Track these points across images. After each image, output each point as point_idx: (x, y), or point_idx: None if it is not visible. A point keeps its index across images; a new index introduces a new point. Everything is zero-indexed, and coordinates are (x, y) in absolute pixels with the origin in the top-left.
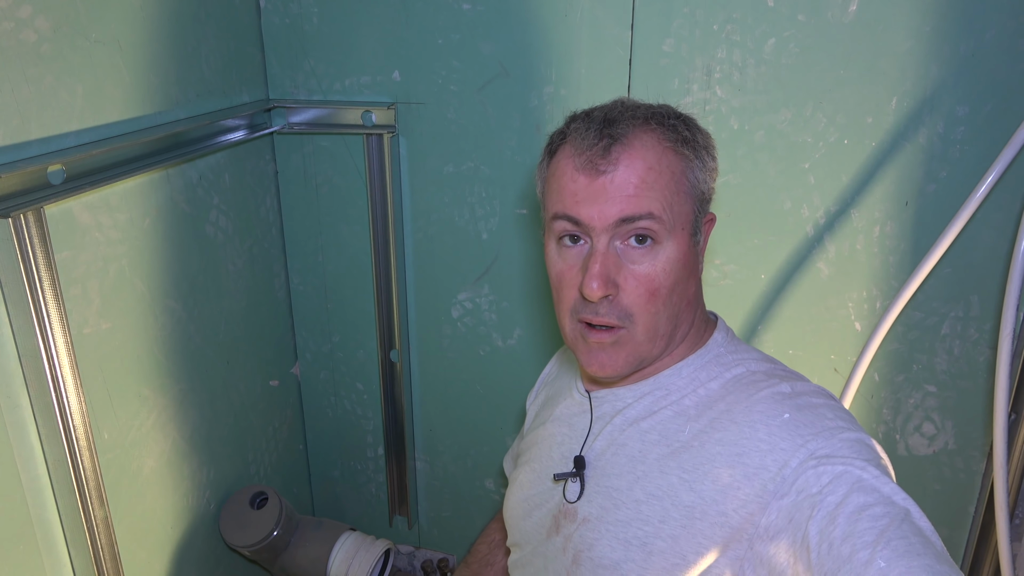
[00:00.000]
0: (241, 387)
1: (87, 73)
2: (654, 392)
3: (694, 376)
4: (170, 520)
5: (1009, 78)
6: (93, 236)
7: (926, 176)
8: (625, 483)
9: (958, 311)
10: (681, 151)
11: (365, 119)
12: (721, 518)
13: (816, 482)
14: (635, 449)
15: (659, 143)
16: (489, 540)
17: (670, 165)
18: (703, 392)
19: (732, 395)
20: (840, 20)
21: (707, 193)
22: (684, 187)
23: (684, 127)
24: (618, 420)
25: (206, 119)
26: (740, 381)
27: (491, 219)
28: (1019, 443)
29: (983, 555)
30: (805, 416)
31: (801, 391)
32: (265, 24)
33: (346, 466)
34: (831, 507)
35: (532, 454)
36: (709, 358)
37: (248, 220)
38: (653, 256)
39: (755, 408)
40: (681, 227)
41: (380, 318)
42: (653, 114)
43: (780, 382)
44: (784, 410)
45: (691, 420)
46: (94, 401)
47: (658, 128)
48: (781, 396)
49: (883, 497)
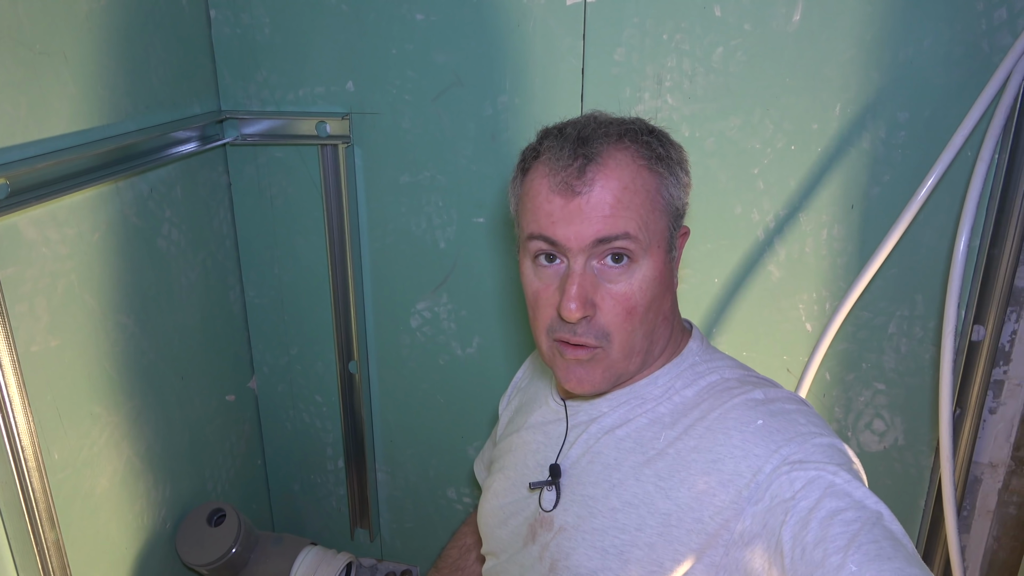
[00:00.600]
0: (197, 402)
1: (31, 85)
2: (630, 401)
3: (669, 385)
4: (125, 541)
5: (947, 84)
6: (40, 251)
7: (871, 180)
8: (601, 491)
9: (904, 310)
10: (655, 168)
11: (319, 130)
12: (697, 525)
13: (789, 487)
14: (610, 457)
15: (633, 161)
16: (460, 544)
17: (645, 184)
18: (678, 400)
19: (706, 402)
20: (785, 29)
21: (681, 208)
22: (659, 204)
23: (658, 143)
24: (593, 428)
25: (156, 131)
26: (714, 388)
27: (448, 228)
28: (964, 438)
29: (933, 547)
30: (778, 422)
31: (774, 397)
32: (216, 34)
33: (306, 480)
34: (804, 512)
35: (506, 461)
36: (684, 367)
37: (201, 233)
38: (630, 275)
39: (729, 415)
40: (657, 244)
41: (338, 329)
42: (627, 131)
43: (753, 388)
44: (757, 416)
45: (666, 428)
46: (43, 420)
47: (632, 145)
48: (754, 402)
49: (855, 502)
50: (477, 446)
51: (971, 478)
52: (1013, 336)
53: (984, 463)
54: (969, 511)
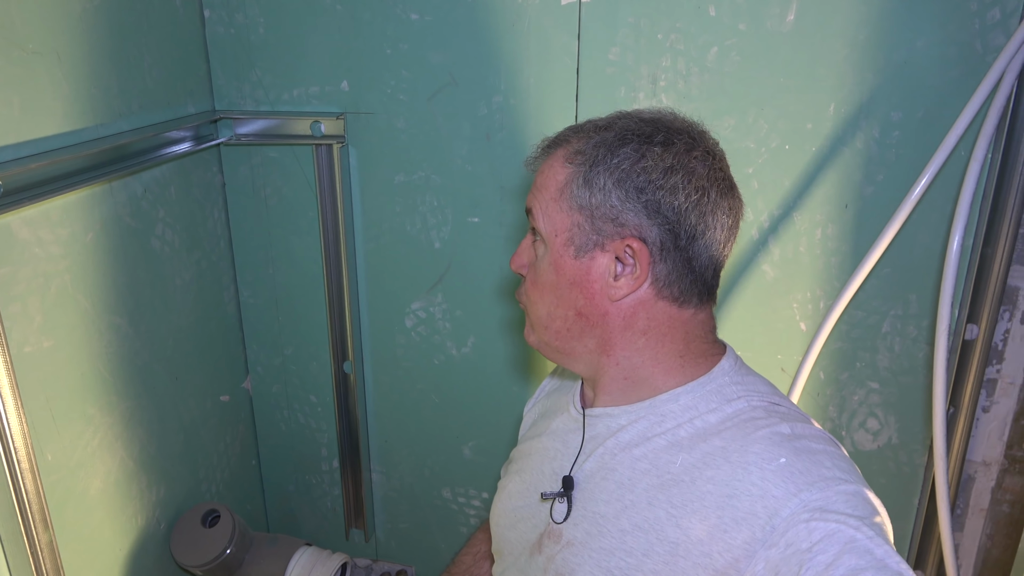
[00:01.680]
0: (191, 403)
1: (24, 85)
2: (648, 417)
3: (693, 405)
4: (119, 542)
5: (940, 84)
6: (33, 252)
7: (864, 179)
8: (612, 511)
9: (897, 309)
10: (573, 161)
11: (314, 129)
12: (705, 559)
13: (807, 537)
14: (624, 476)
15: (564, 152)
16: (474, 551)
17: (556, 173)
18: (699, 424)
19: (729, 431)
20: (779, 29)
21: (605, 211)
22: (566, 197)
23: (599, 144)
24: (610, 443)
25: (150, 131)
26: (739, 417)
27: (443, 228)
28: (957, 437)
29: (927, 545)
30: (802, 462)
31: (801, 434)
32: (210, 34)
33: (301, 480)
34: (820, 567)
35: (523, 464)
36: (711, 388)
37: (195, 233)
38: (538, 250)
39: (750, 448)
40: (558, 237)
41: (333, 329)
42: (597, 128)
43: (780, 422)
44: (780, 454)
45: (684, 451)
46: (36, 422)
47: (577, 139)
48: (780, 438)
49: (876, 560)
50: (472, 446)
51: (964, 477)
52: (1006, 335)
53: (977, 461)
54: (963, 509)
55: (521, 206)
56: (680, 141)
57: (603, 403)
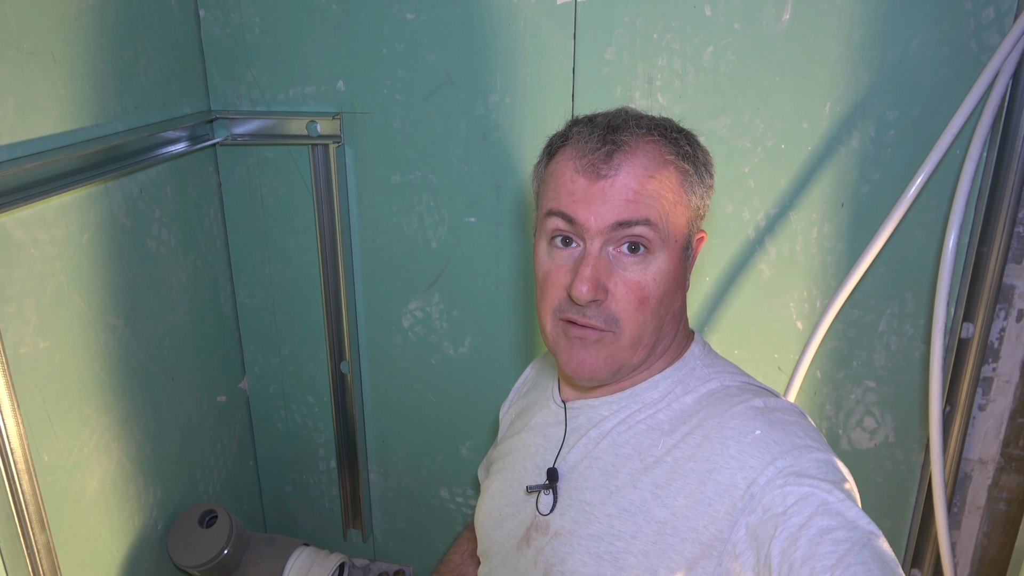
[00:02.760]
0: (187, 403)
1: (19, 85)
2: (629, 405)
3: (670, 389)
4: (116, 543)
5: (934, 83)
6: (28, 252)
7: (860, 178)
8: (598, 497)
9: (893, 308)
10: (681, 165)
11: (310, 129)
12: (692, 534)
13: (782, 502)
14: (608, 463)
15: (661, 154)
16: (462, 550)
17: (669, 177)
18: (677, 407)
19: (705, 410)
20: (774, 28)
21: (702, 209)
22: (682, 200)
23: (686, 142)
24: (593, 433)
25: (145, 131)
26: (714, 395)
27: (440, 228)
28: (954, 435)
29: (924, 543)
30: (776, 433)
31: (774, 407)
32: (205, 34)
33: (298, 480)
34: (794, 528)
35: (506, 463)
36: (685, 371)
37: (192, 233)
38: (644, 265)
39: (727, 424)
40: (674, 240)
41: (330, 330)
42: (656, 125)
43: (753, 397)
44: (756, 426)
45: (665, 435)
46: (32, 422)
47: (661, 139)
48: (754, 411)
49: (847, 521)
50: (470, 446)
51: (961, 475)
52: (1002, 333)
53: (974, 460)
54: (959, 508)
55: (518, 205)
56: None
57: (587, 395)
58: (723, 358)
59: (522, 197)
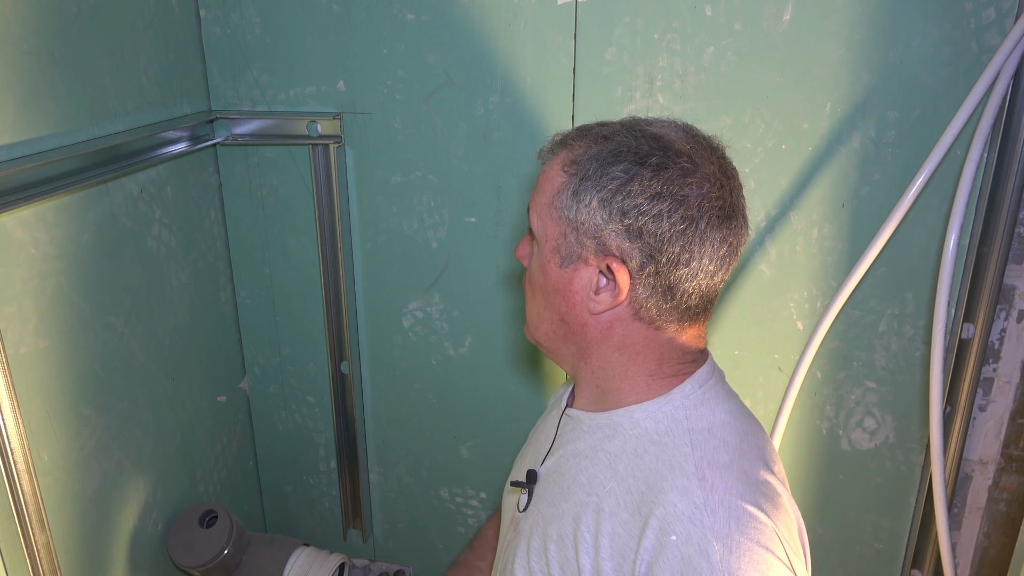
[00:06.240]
0: (188, 404)
1: (19, 85)
2: (604, 429)
3: (644, 428)
4: (116, 543)
5: (935, 84)
6: (28, 252)
7: (860, 179)
8: (550, 514)
9: (894, 308)
10: (568, 170)
11: (311, 130)
12: None
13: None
14: (567, 483)
15: (566, 157)
16: (498, 525)
17: (552, 179)
18: (640, 454)
19: (652, 477)
20: (775, 29)
21: (590, 228)
22: (557, 206)
23: (594, 158)
24: (570, 447)
25: (146, 131)
26: (669, 461)
27: (440, 228)
28: (954, 436)
29: (925, 544)
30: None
31: (708, 504)
32: (205, 34)
33: (298, 481)
34: None
35: (525, 449)
36: (666, 410)
37: (192, 233)
38: (533, 251)
39: (655, 512)
40: (547, 242)
41: (330, 330)
42: (600, 137)
43: (698, 488)
44: (671, 532)
45: (615, 479)
46: (33, 422)
47: (579, 144)
48: (679, 515)
49: None
50: (470, 446)
51: (961, 475)
52: (1002, 334)
53: (974, 460)
54: (960, 508)
55: (518, 206)
56: (676, 166)
57: (579, 406)
58: (723, 398)
59: (522, 197)
